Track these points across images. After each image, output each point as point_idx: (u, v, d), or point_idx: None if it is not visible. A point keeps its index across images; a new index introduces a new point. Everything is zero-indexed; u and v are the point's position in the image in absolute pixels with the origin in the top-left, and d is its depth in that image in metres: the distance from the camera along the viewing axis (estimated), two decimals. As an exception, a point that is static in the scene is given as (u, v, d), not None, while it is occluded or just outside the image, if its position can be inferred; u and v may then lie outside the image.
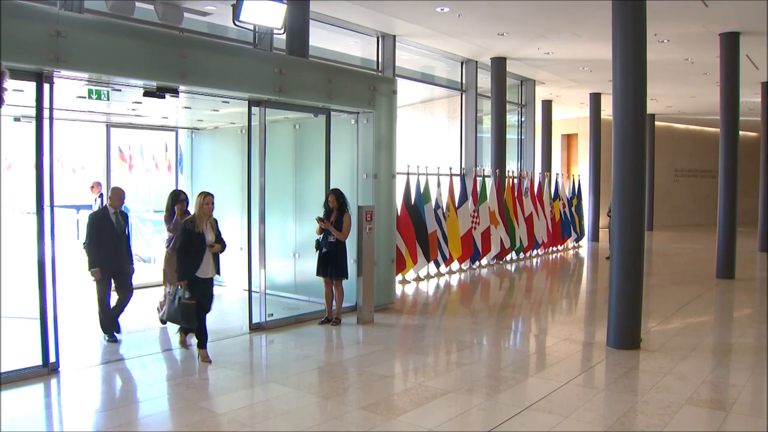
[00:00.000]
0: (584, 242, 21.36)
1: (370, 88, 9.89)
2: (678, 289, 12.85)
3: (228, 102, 8.90)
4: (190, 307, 7.17)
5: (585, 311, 10.93)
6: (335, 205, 9.02)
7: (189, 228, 7.23)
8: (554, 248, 19.17)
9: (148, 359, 7.46)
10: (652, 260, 17.75)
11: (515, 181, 17.35)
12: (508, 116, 17.90)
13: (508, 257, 16.83)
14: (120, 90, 7.86)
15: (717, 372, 7.23)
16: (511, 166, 19.37)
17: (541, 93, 21.82)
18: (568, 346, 8.26)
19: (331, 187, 9.49)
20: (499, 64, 17.04)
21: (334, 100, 9.36)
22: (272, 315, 8.97)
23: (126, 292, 8.18)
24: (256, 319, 8.79)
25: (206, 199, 7.32)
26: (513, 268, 15.94)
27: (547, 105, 24.04)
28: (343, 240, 9.07)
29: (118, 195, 8.18)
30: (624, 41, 8.21)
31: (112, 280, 8.07)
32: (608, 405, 6.17)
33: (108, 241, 7.96)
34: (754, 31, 13.62)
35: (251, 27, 10.55)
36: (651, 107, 24.51)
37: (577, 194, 20.42)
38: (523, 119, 20.81)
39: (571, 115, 27.58)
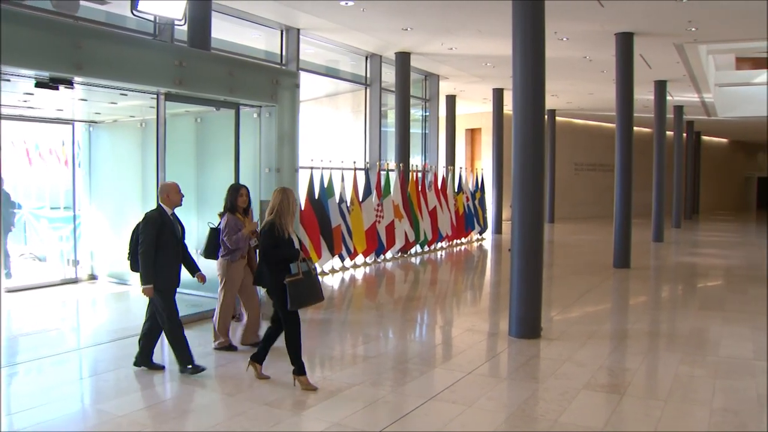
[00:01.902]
0: (488, 235, 21.78)
1: (272, 82, 9.77)
2: (577, 278, 13.29)
3: (126, 95, 8.62)
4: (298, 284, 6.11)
5: (488, 302, 11.16)
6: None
7: (278, 236, 6.15)
8: (458, 241, 19.46)
9: (45, 362, 7.16)
10: (553, 251, 18.29)
11: (419, 174, 17.54)
12: (412, 111, 18.05)
13: (413, 250, 17.00)
14: (9, 80, 7.48)
15: (613, 357, 7.53)
16: (415, 160, 19.53)
17: (445, 88, 22.08)
18: (472, 337, 8.42)
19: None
20: (403, 59, 17.17)
21: (235, 93, 9.19)
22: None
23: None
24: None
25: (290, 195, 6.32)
26: (417, 261, 16.12)
27: (451, 100, 24.40)
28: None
29: (176, 190, 6.76)
30: (523, 38, 8.40)
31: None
32: (510, 393, 6.34)
33: (171, 249, 6.70)
34: (647, 32, 14.21)
35: (151, 17, 10.26)
36: (551, 103, 25.26)
37: (480, 188, 20.75)
38: (427, 114, 21.03)
39: (475, 110, 28.01)
